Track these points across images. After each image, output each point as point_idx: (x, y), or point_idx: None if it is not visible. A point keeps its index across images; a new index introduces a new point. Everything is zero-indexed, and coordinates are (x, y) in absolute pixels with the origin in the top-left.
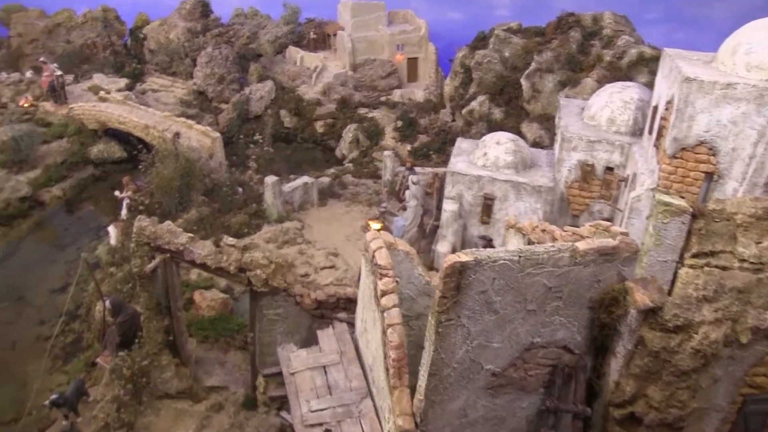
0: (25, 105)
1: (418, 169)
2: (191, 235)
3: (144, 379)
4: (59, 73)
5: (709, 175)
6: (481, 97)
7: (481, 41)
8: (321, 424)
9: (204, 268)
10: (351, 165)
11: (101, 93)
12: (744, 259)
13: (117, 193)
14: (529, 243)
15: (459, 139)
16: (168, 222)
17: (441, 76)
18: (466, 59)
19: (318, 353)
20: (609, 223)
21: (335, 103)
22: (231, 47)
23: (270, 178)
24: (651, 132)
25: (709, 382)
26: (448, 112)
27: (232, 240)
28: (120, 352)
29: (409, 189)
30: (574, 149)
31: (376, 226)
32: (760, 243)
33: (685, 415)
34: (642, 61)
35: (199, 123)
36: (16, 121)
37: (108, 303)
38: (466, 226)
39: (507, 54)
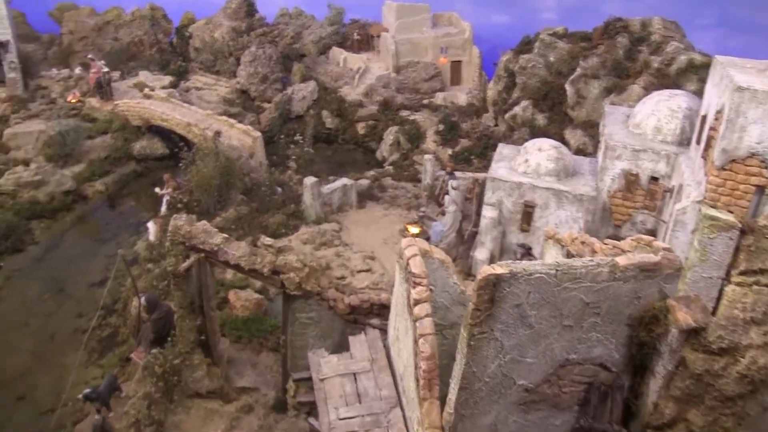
0: (73, 101)
1: (459, 174)
2: (226, 235)
3: (175, 377)
4: (106, 69)
5: (761, 189)
6: (524, 102)
7: (525, 45)
8: None
9: (238, 269)
10: (391, 168)
11: (146, 90)
12: None
13: (157, 189)
14: (568, 255)
15: (500, 145)
16: (203, 222)
17: (484, 80)
18: (511, 63)
19: (349, 360)
20: (652, 237)
21: (377, 105)
22: (275, 47)
23: (309, 179)
24: (699, 142)
25: (757, 409)
26: (491, 117)
27: (270, 240)
28: (153, 350)
29: (448, 194)
30: (618, 158)
31: (414, 230)
32: None
33: None
34: (691, 69)
35: (240, 122)
36: (63, 116)
37: (143, 300)
38: (505, 234)
39: (552, 59)
